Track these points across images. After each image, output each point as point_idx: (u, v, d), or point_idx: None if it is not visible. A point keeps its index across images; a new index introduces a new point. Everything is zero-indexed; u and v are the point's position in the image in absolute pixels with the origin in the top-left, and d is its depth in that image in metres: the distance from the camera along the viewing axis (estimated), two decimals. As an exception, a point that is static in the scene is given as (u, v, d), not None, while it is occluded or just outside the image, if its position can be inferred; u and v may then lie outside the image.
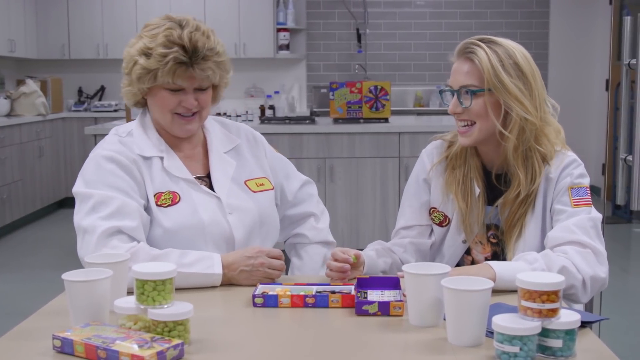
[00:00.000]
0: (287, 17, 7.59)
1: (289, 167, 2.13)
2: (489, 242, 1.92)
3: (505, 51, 1.81)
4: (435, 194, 1.98)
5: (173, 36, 1.79)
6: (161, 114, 1.89)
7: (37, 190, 6.74)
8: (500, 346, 1.27)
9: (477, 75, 1.81)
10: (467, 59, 1.84)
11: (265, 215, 1.96)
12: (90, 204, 1.78)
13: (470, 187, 1.91)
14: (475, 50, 1.81)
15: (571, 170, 1.84)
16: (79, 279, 1.43)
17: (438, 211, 1.97)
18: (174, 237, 1.82)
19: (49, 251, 5.63)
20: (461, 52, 1.86)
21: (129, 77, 1.87)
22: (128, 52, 1.86)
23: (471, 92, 1.81)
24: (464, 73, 1.83)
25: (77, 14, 7.48)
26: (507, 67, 1.80)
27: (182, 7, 6.93)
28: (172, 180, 1.87)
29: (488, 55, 1.80)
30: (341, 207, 5.02)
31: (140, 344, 1.28)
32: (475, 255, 1.94)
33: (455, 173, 1.93)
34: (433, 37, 7.76)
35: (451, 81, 1.87)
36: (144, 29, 1.87)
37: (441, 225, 1.97)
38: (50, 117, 6.99)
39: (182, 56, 1.79)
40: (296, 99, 7.38)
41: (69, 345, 1.33)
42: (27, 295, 4.44)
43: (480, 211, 1.90)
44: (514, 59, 1.81)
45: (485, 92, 1.80)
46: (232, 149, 2.00)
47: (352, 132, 4.99)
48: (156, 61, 1.79)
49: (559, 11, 7.65)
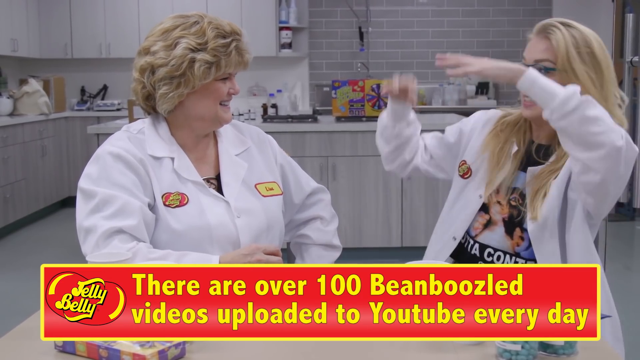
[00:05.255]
0: (290, 16, 7.59)
1: (298, 171, 2.12)
2: (508, 203, 1.96)
3: (583, 37, 1.88)
4: (471, 148, 2.07)
5: (223, 27, 1.85)
6: (211, 107, 1.88)
7: (40, 189, 6.75)
8: (502, 344, 1.27)
9: (552, 54, 1.88)
10: (545, 37, 1.90)
11: (273, 221, 1.95)
12: (93, 203, 1.77)
13: (509, 149, 1.98)
14: (554, 31, 1.88)
15: None
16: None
17: (466, 164, 2.06)
18: (180, 238, 1.82)
19: (52, 250, 5.64)
20: (540, 30, 1.92)
21: (179, 79, 1.81)
22: (167, 56, 1.81)
23: (545, 69, 1.86)
24: (541, 50, 1.90)
25: (79, 13, 7.49)
26: (583, 53, 1.86)
27: (185, 6, 6.93)
28: (181, 182, 1.87)
29: (565, 38, 1.86)
30: (344, 205, 5.02)
31: (142, 343, 1.29)
32: (493, 214, 1.98)
33: (500, 135, 2.02)
34: (435, 35, 7.76)
35: (526, 55, 1.94)
36: (168, 32, 1.83)
37: (464, 177, 2.06)
38: (53, 116, 7.00)
39: (240, 43, 1.86)
40: (299, 98, 7.38)
41: (71, 344, 1.34)
42: (29, 294, 4.44)
43: (510, 172, 1.96)
44: (591, 46, 1.87)
45: (556, 72, 1.86)
46: (243, 152, 2.00)
47: (355, 131, 4.98)
48: (218, 52, 1.82)
49: (562, 8, 7.64)
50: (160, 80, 1.83)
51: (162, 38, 1.84)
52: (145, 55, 1.85)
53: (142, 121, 1.95)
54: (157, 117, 1.93)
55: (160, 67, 1.82)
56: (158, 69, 1.82)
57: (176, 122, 1.92)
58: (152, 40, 1.85)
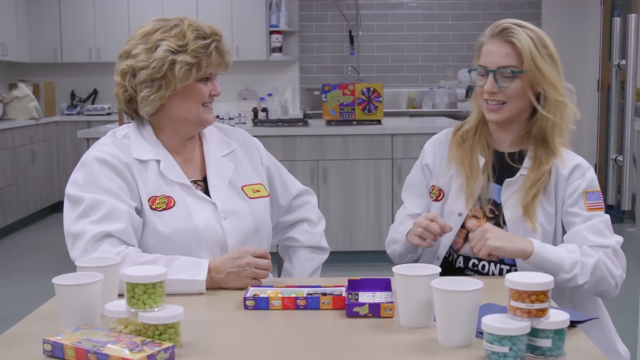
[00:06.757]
0: (280, 20, 7.59)
1: (284, 173, 2.12)
2: (485, 216, 1.96)
3: (539, 37, 1.90)
4: (437, 171, 2.05)
5: (202, 28, 1.85)
6: (193, 108, 1.88)
7: (30, 194, 6.72)
8: (490, 346, 1.28)
9: (517, 57, 1.88)
10: (506, 41, 1.90)
11: (260, 223, 1.96)
12: (80, 209, 1.77)
13: (477, 159, 1.98)
14: (515, 33, 1.88)
15: (584, 172, 1.92)
16: (69, 283, 1.43)
17: (436, 187, 2.04)
18: (167, 241, 1.82)
19: (41, 255, 5.61)
20: (498, 34, 1.92)
21: (160, 82, 1.82)
22: (148, 59, 1.81)
23: (513, 73, 1.87)
24: (504, 55, 1.89)
25: (69, 18, 7.47)
26: (542, 53, 1.88)
27: (175, 10, 6.92)
28: (167, 184, 1.87)
29: (526, 39, 1.88)
30: (334, 209, 5.02)
31: (131, 348, 1.29)
32: (470, 227, 1.97)
33: (464, 146, 2.01)
34: (425, 38, 7.77)
35: (487, 62, 1.92)
36: (148, 35, 1.84)
37: (437, 200, 2.03)
38: (43, 121, 6.98)
39: (220, 44, 1.86)
40: (289, 102, 7.38)
41: (60, 349, 1.33)
42: (19, 300, 4.43)
43: (484, 183, 1.96)
44: (547, 45, 1.90)
45: (523, 74, 1.87)
46: (229, 153, 2.00)
47: (345, 134, 4.99)
48: (198, 54, 1.82)
49: (551, 12, 7.67)
50: (142, 83, 1.84)
51: (143, 41, 1.85)
52: (127, 58, 1.86)
53: (127, 126, 1.95)
54: (141, 121, 1.93)
55: (141, 69, 1.83)
56: (139, 72, 1.83)
57: (160, 124, 1.92)
58: (133, 43, 1.86)
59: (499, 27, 1.92)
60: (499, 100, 1.90)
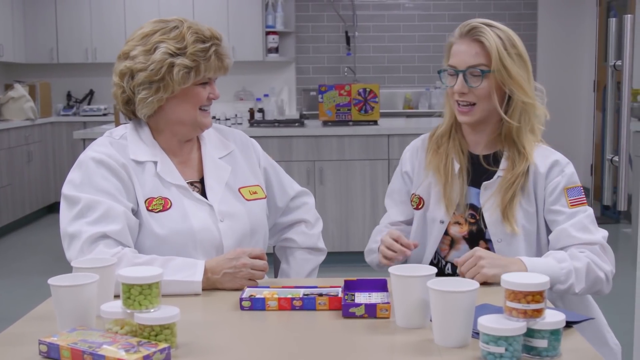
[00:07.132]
0: (276, 20, 7.59)
1: (282, 175, 2.12)
2: (466, 221, 1.95)
3: (508, 37, 1.88)
4: (417, 179, 2.04)
5: (202, 31, 1.84)
6: (190, 112, 1.88)
7: (26, 195, 6.71)
8: (485, 347, 1.28)
9: (485, 56, 1.87)
10: (475, 40, 1.88)
11: (257, 225, 1.95)
12: (77, 209, 1.77)
13: (452, 164, 1.96)
14: (483, 33, 1.87)
15: (562, 168, 1.89)
16: (65, 283, 1.42)
17: (416, 195, 2.03)
18: (164, 243, 1.81)
19: (37, 256, 5.60)
20: (466, 33, 1.90)
21: (158, 84, 1.81)
22: (146, 61, 1.81)
23: (482, 73, 1.86)
24: (473, 54, 1.88)
25: (65, 18, 7.46)
26: (511, 53, 1.87)
27: (171, 10, 6.92)
28: (164, 186, 1.86)
29: (495, 39, 1.86)
30: (331, 209, 5.02)
31: (127, 349, 1.28)
32: (453, 234, 1.97)
33: (439, 152, 1.99)
34: (422, 39, 7.78)
35: (456, 62, 1.90)
36: (147, 37, 1.83)
37: (418, 209, 2.01)
38: (39, 121, 6.97)
39: (219, 48, 1.85)
40: (285, 102, 7.38)
41: (55, 350, 1.33)
42: (15, 301, 4.42)
43: (461, 188, 1.94)
44: (516, 45, 1.88)
45: (491, 74, 1.86)
46: (226, 155, 2.00)
47: (342, 135, 4.99)
48: (197, 57, 1.81)
49: (547, 13, 7.68)
50: (140, 84, 1.83)
51: (142, 43, 1.84)
52: (125, 59, 1.85)
53: (124, 126, 1.95)
54: (139, 122, 1.93)
55: (139, 71, 1.82)
56: (137, 74, 1.83)
57: (157, 126, 1.92)
58: (131, 44, 1.85)
59: (467, 26, 1.90)
60: (469, 102, 1.89)
